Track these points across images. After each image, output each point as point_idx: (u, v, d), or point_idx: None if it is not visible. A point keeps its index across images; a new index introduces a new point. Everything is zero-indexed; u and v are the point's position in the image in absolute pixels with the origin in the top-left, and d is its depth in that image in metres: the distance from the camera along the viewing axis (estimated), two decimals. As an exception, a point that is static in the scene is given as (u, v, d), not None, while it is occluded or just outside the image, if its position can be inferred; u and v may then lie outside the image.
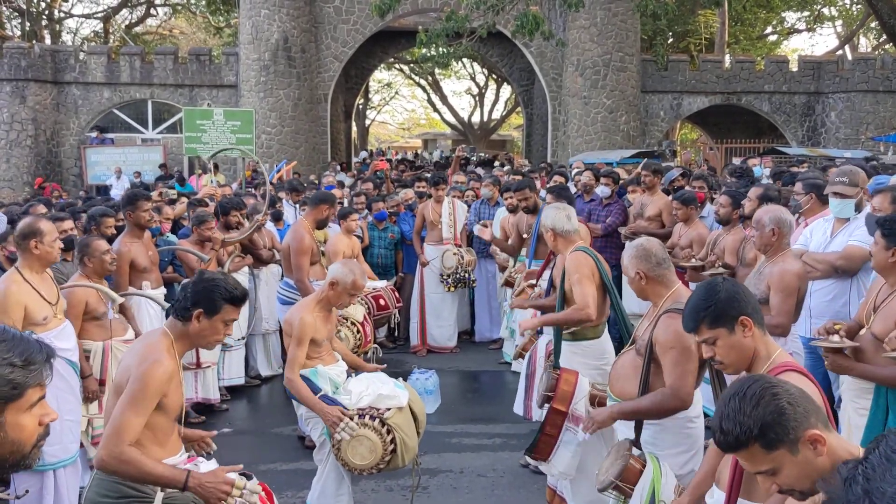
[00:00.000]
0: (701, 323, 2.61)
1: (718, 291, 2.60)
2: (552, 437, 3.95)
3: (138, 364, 2.81)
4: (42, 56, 21.08)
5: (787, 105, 22.44)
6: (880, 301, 3.61)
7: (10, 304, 4.05)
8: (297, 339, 4.21)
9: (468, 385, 7.61)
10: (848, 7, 31.69)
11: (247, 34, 20.88)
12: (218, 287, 2.90)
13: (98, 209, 6.34)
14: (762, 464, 1.95)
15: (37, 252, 4.20)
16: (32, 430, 1.70)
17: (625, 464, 3.31)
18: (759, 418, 1.91)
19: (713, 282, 2.70)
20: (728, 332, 2.57)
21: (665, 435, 3.44)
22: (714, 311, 2.57)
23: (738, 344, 2.57)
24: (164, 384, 2.79)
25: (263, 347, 7.58)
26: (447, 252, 8.16)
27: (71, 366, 4.34)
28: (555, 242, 4.69)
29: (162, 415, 2.84)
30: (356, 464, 4.07)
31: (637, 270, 3.49)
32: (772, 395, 1.93)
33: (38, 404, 1.71)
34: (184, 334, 2.92)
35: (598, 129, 20.95)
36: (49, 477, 4.11)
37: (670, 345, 3.30)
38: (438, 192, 8.37)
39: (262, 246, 7.48)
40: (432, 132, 53.05)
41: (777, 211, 4.50)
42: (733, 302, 2.58)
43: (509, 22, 16.81)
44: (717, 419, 1.98)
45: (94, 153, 20.61)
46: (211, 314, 2.88)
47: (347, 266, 4.44)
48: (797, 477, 1.93)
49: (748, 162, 12.92)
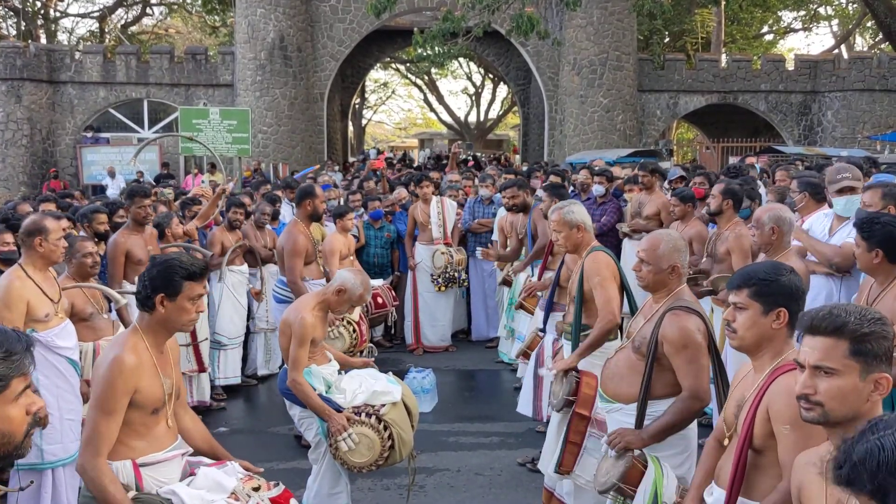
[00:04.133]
0: (746, 287, 2.58)
1: (782, 275, 2.58)
2: (576, 445, 3.79)
3: (100, 367, 2.77)
4: (38, 55, 21.04)
5: (783, 104, 22.47)
6: (872, 298, 3.60)
7: (13, 299, 4.04)
8: (300, 339, 4.16)
9: (465, 384, 7.60)
10: (844, 6, 31.75)
11: (243, 33, 20.85)
12: (173, 267, 2.82)
13: (89, 206, 6.33)
14: (832, 360, 1.98)
15: (41, 250, 4.20)
16: (21, 420, 1.72)
17: (628, 465, 3.25)
18: (866, 328, 1.96)
19: (782, 265, 2.67)
20: (762, 311, 2.54)
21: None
22: (766, 287, 2.55)
23: (762, 327, 2.54)
24: (129, 380, 2.73)
25: (264, 346, 7.57)
26: (436, 252, 8.15)
27: (72, 364, 4.32)
28: (579, 239, 4.48)
29: (136, 409, 2.78)
30: (355, 462, 4.05)
31: (674, 264, 3.40)
32: (887, 323, 2.00)
33: (24, 394, 1.72)
34: (153, 324, 2.86)
35: (594, 128, 20.96)
36: (47, 476, 4.10)
37: (682, 343, 3.25)
38: (424, 191, 8.35)
39: (264, 245, 7.49)
40: (429, 132, 53.01)
41: (777, 210, 4.48)
42: (788, 292, 2.55)
43: (505, 21, 16.80)
44: (832, 306, 2.06)
45: (90, 153, 20.56)
46: (173, 295, 2.81)
47: (360, 278, 4.38)
48: (842, 398, 1.97)
49: (745, 161, 12.93)
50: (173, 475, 2.91)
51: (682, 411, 3.27)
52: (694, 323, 3.29)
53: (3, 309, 3.99)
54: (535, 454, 5.39)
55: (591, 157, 16.04)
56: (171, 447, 2.93)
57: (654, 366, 3.35)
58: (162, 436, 2.91)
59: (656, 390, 3.38)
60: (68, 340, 4.29)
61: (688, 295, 3.46)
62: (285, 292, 6.47)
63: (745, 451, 2.48)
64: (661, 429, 3.30)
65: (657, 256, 3.40)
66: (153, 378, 2.83)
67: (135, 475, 2.78)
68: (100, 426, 2.70)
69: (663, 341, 3.30)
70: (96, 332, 4.75)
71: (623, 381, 3.51)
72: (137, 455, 2.81)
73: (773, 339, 2.54)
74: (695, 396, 3.25)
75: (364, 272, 4.56)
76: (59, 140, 21.61)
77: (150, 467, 2.83)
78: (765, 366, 2.54)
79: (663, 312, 3.35)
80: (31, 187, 20.25)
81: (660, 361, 3.35)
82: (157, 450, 2.87)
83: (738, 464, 2.48)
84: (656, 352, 3.33)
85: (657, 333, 3.33)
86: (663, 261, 3.39)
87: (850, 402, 1.96)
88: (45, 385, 4.10)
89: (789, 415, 2.30)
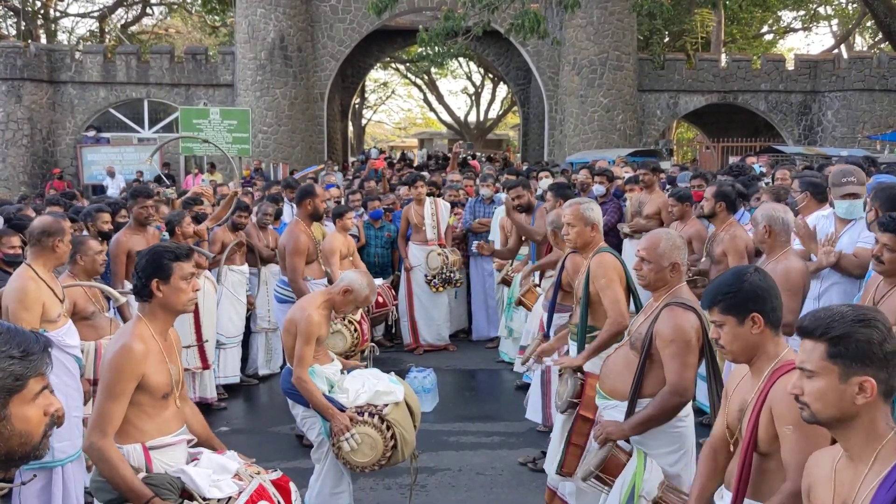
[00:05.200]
0: (715, 305, 2.60)
1: (744, 281, 2.58)
2: (579, 447, 3.78)
3: (107, 353, 2.91)
4: (38, 55, 21.05)
5: (783, 104, 22.48)
6: (880, 296, 3.59)
7: (30, 300, 4.05)
8: (306, 337, 4.17)
9: (466, 383, 7.61)
10: (843, 6, 31.76)
11: (243, 33, 20.86)
12: (160, 252, 3.00)
13: (93, 206, 6.33)
14: (811, 362, 1.96)
15: (58, 251, 4.24)
16: (38, 420, 1.72)
17: (606, 454, 3.30)
18: (849, 330, 1.93)
19: (743, 269, 2.68)
20: (737, 322, 2.55)
21: (654, 434, 3.39)
22: (731, 299, 2.56)
23: (744, 336, 2.55)
24: (136, 366, 2.86)
25: (265, 346, 7.57)
26: (431, 253, 8.16)
27: (78, 363, 4.37)
28: (591, 237, 4.41)
29: (145, 394, 2.91)
30: (358, 461, 4.06)
31: (674, 262, 3.42)
32: (873, 325, 1.94)
33: (42, 395, 1.73)
34: (154, 310, 3.01)
35: (594, 127, 20.96)
36: (57, 473, 4.14)
37: (671, 338, 3.27)
38: (417, 191, 8.35)
39: (265, 245, 7.50)
40: (428, 131, 53.01)
41: (769, 209, 4.45)
42: (753, 296, 2.55)
43: (505, 21, 16.80)
44: (824, 307, 2.03)
45: (90, 153, 20.56)
46: (166, 278, 2.97)
47: (366, 279, 4.41)
48: (823, 400, 1.94)
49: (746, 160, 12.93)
50: (180, 459, 3.02)
51: (661, 405, 3.29)
52: (689, 320, 3.30)
53: (21, 310, 4.00)
54: (536, 454, 5.40)
55: (591, 156, 16.05)
56: (178, 431, 3.06)
57: (647, 361, 3.36)
58: (171, 419, 3.03)
59: (648, 388, 3.39)
60: (74, 339, 4.35)
61: (686, 293, 3.47)
62: (287, 292, 6.48)
63: (750, 455, 2.48)
64: (641, 421, 3.33)
65: (658, 254, 3.42)
66: (160, 364, 2.95)
67: (145, 458, 2.90)
68: (106, 409, 2.83)
69: (656, 336, 3.32)
70: (98, 330, 4.76)
71: (619, 378, 3.52)
72: (147, 438, 2.93)
73: (758, 344, 2.56)
74: (675, 392, 3.26)
75: (369, 273, 4.57)
76: (60, 140, 21.62)
77: (158, 450, 2.95)
78: (762, 369, 2.54)
79: (660, 308, 3.37)
80: (31, 187, 20.23)
81: (652, 357, 3.36)
82: (166, 433, 2.99)
83: (743, 468, 2.48)
84: (650, 347, 3.34)
85: (652, 329, 3.35)
86: (664, 258, 3.41)
87: (833, 404, 1.93)
88: (56, 384, 4.11)
89: (792, 416, 2.31)
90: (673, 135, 28.49)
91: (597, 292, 4.24)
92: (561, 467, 3.82)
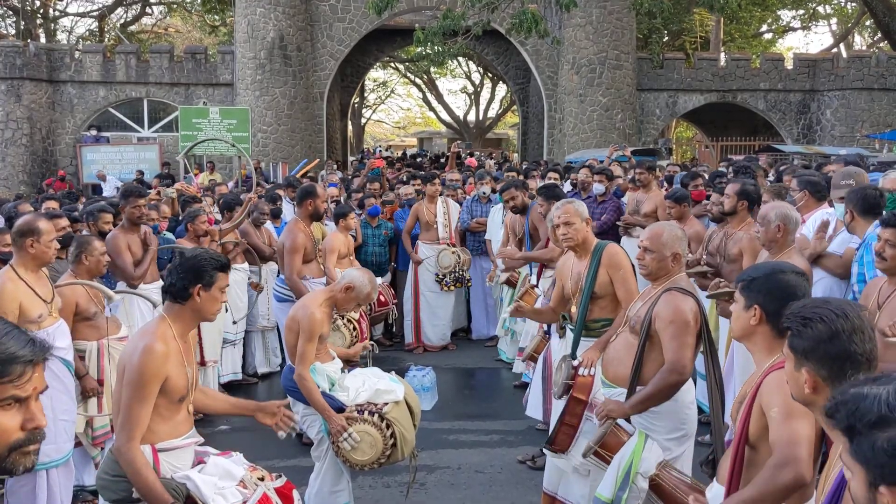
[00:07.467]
0: (741, 280, 2.65)
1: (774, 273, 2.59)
2: (572, 427, 3.84)
3: (132, 354, 2.90)
4: (37, 55, 21.05)
5: (782, 103, 22.50)
6: (884, 298, 3.59)
7: (4, 301, 4.02)
8: (308, 334, 4.17)
9: (465, 382, 7.63)
10: (842, 5, 31.77)
11: (242, 32, 20.86)
12: (206, 259, 3.03)
13: (96, 205, 6.33)
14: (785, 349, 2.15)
15: (32, 251, 4.18)
16: (6, 429, 1.56)
17: (606, 430, 3.37)
18: (790, 323, 2.12)
19: (785, 266, 2.64)
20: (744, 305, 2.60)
21: (660, 418, 3.47)
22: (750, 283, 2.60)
23: (743, 320, 2.62)
24: (160, 368, 2.86)
25: (262, 345, 7.59)
26: (444, 252, 8.15)
27: (66, 365, 4.30)
28: (587, 232, 4.43)
29: (163, 396, 2.91)
30: (357, 460, 4.08)
31: (676, 251, 3.52)
32: (843, 320, 2.04)
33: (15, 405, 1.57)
34: (184, 313, 3.02)
35: (593, 126, 20.98)
36: (42, 476, 4.09)
37: (670, 319, 3.37)
38: (433, 188, 8.36)
39: (263, 243, 7.51)
40: (428, 131, 53.03)
41: (783, 207, 4.48)
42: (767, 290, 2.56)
43: (504, 20, 16.81)
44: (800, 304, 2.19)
45: (90, 152, 20.56)
46: (209, 286, 3.00)
47: (367, 276, 4.42)
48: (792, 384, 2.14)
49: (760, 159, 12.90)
50: (187, 462, 3.04)
51: (660, 383, 3.37)
52: (688, 304, 3.41)
53: None
54: (535, 452, 5.42)
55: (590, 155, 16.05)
56: (187, 434, 3.07)
57: (647, 343, 3.45)
58: (182, 422, 3.04)
59: (648, 373, 3.46)
60: (62, 341, 4.27)
61: (685, 282, 3.58)
62: (286, 291, 6.49)
63: (742, 446, 2.52)
64: (641, 399, 3.42)
65: (661, 244, 3.53)
66: (179, 367, 2.97)
67: (153, 459, 2.91)
68: (134, 412, 2.85)
69: (655, 318, 3.41)
70: (99, 331, 4.76)
71: (621, 364, 3.60)
72: (158, 440, 2.94)
73: (753, 334, 2.59)
74: (674, 369, 3.34)
75: (370, 272, 4.60)
76: (59, 139, 21.62)
77: (167, 453, 2.96)
78: (762, 363, 2.59)
79: (660, 293, 3.47)
80: (31, 186, 20.25)
81: (652, 340, 3.44)
82: (177, 436, 3.01)
83: (736, 459, 2.52)
84: (649, 329, 3.43)
85: (651, 311, 3.44)
86: (666, 248, 3.52)
87: (797, 390, 2.10)
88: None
89: (777, 400, 2.38)
90: (672, 134, 28.51)
91: (605, 284, 4.26)
92: (551, 443, 3.89)
